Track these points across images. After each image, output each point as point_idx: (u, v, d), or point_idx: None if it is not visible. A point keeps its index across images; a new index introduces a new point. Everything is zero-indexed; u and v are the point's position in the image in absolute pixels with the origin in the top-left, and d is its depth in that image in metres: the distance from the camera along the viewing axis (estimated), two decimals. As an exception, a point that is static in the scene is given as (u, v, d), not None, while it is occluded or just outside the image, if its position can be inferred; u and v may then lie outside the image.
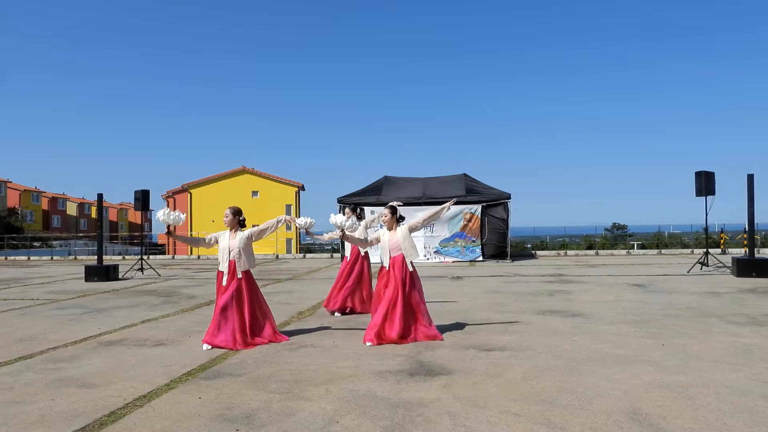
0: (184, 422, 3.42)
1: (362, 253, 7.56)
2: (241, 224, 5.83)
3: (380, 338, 5.50)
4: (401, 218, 6.04)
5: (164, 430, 3.30)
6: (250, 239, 5.75)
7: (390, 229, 5.94)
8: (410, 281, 5.71)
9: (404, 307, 5.59)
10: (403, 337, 5.54)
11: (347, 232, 6.05)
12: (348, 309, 7.45)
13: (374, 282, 6.42)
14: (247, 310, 5.61)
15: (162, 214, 5.59)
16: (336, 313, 7.38)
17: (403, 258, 5.74)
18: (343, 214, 7.73)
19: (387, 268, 5.80)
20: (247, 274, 5.71)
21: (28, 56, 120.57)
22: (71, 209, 69.10)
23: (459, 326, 6.39)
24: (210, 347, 5.43)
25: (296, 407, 3.66)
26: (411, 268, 5.76)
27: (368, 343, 5.45)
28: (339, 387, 4.10)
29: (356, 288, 7.46)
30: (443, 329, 6.18)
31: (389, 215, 5.96)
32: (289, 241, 36.08)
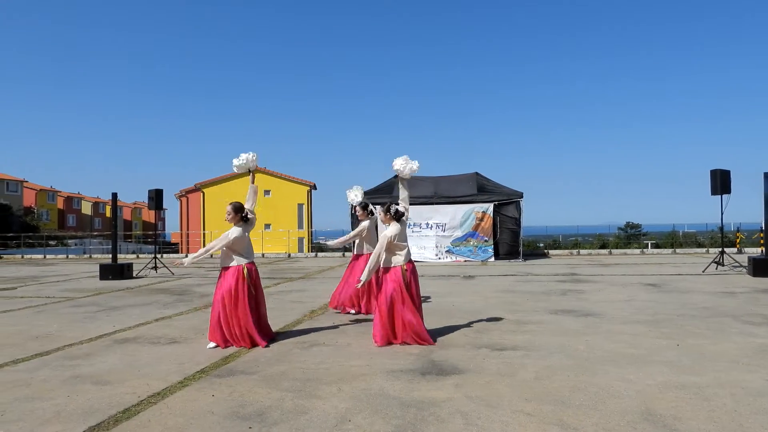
0: (197, 419, 3.45)
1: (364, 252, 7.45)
2: (244, 220, 5.69)
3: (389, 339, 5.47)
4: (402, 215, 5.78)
5: (178, 427, 3.33)
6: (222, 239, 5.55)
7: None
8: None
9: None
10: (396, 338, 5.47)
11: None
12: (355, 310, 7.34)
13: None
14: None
15: (240, 159, 5.81)
16: (351, 311, 7.34)
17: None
18: (354, 212, 7.72)
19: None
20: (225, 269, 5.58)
21: (42, 61, 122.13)
22: (86, 208, 69.85)
23: (471, 325, 6.37)
24: (215, 345, 5.47)
25: (308, 405, 3.67)
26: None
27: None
28: (351, 386, 4.10)
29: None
30: (455, 329, 6.17)
31: (383, 213, 5.73)
32: (301, 240, 36.19)
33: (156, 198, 14.57)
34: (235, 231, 5.59)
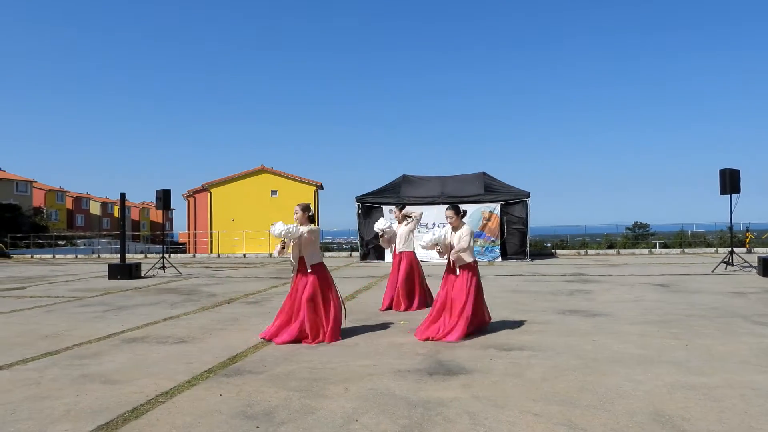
0: (205, 418, 3.46)
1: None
2: (310, 219, 5.86)
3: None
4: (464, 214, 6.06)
5: (186, 426, 3.34)
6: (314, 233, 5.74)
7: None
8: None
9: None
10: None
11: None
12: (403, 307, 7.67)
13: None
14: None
15: (278, 228, 5.54)
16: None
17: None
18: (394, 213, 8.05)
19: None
20: (314, 267, 5.75)
21: (50, 62, 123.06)
22: (94, 208, 70.32)
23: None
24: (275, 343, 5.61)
25: (315, 405, 3.67)
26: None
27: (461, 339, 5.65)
28: (358, 385, 4.10)
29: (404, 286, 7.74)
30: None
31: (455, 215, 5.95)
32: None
33: (164, 198, 14.64)
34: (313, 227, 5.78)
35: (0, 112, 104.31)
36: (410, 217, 7.96)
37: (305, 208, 5.84)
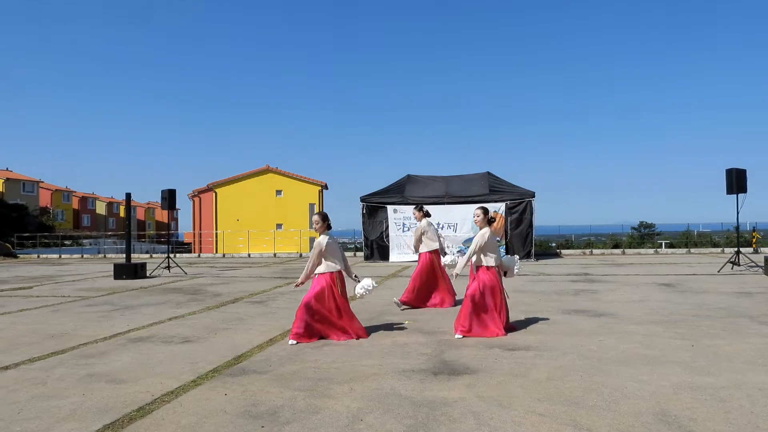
0: (210, 418, 3.47)
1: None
2: (328, 228, 5.97)
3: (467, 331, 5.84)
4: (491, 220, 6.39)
5: (191, 425, 3.35)
6: (315, 248, 5.81)
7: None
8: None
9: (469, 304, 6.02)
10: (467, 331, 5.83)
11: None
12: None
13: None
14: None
15: (361, 288, 6.26)
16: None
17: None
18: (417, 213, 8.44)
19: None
20: (318, 276, 5.85)
21: (57, 62, 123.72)
22: (100, 208, 70.60)
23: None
24: (295, 342, 5.61)
25: (320, 405, 3.68)
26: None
27: (457, 335, 5.77)
28: (363, 385, 4.11)
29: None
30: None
31: (481, 215, 6.31)
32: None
33: (169, 198, 14.69)
34: (324, 238, 5.82)
35: (6, 112, 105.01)
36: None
37: (324, 217, 5.94)
